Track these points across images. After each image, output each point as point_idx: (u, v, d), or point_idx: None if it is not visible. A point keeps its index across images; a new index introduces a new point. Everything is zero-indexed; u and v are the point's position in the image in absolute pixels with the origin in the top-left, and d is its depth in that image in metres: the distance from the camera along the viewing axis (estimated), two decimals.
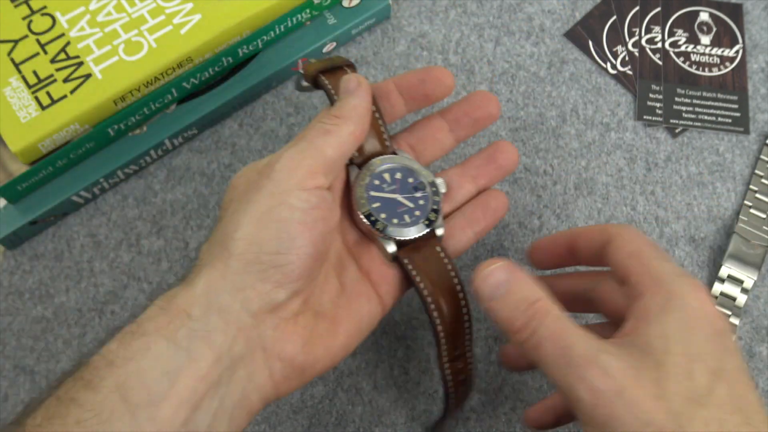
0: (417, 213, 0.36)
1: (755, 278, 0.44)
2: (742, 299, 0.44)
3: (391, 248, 0.35)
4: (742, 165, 0.48)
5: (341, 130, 0.33)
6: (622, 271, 0.32)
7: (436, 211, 0.36)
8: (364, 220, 0.35)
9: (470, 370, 0.36)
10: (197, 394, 0.28)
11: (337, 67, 0.38)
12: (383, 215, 0.36)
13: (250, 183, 0.32)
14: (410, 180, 0.37)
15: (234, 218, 0.31)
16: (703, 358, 0.28)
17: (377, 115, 0.38)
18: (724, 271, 0.44)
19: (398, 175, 0.37)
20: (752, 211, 0.46)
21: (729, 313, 0.43)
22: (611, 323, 0.34)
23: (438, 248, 0.36)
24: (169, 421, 0.27)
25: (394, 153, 0.38)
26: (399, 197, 0.36)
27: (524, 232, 0.46)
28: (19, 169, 0.42)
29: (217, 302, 0.30)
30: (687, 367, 0.27)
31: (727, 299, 0.44)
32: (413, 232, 0.35)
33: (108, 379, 0.28)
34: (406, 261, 0.35)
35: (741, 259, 0.44)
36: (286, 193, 0.31)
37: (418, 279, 0.35)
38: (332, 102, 0.36)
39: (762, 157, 0.48)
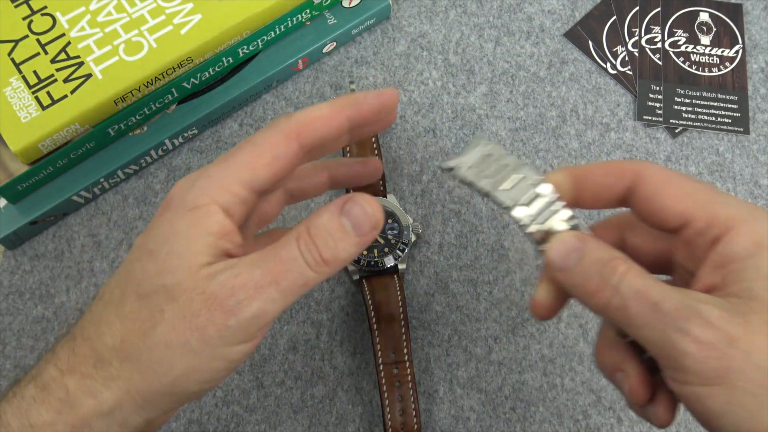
0: (386, 249, 0.43)
1: None
2: None
3: (356, 275, 0.42)
4: (742, 165, 0.48)
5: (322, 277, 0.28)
6: (671, 218, 0.28)
7: (402, 251, 0.43)
8: None
9: (410, 387, 0.40)
10: None
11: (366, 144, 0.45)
12: None
13: None
14: (389, 221, 0.43)
15: None
16: None
17: (378, 156, 0.44)
18: None
19: None
20: None
21: None
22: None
23: (395, 277, 0.42)
24: None
25: (385, 196, 0.44)
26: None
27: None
28: (19, 169, 0.42)
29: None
30: None
31: None
32: (377, 265, 0.42)
33: None
34: (364, 282, 0.42)
35: None
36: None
37: (367, 291, 0.42)
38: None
39: None
